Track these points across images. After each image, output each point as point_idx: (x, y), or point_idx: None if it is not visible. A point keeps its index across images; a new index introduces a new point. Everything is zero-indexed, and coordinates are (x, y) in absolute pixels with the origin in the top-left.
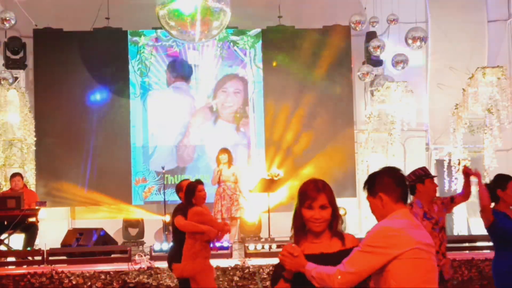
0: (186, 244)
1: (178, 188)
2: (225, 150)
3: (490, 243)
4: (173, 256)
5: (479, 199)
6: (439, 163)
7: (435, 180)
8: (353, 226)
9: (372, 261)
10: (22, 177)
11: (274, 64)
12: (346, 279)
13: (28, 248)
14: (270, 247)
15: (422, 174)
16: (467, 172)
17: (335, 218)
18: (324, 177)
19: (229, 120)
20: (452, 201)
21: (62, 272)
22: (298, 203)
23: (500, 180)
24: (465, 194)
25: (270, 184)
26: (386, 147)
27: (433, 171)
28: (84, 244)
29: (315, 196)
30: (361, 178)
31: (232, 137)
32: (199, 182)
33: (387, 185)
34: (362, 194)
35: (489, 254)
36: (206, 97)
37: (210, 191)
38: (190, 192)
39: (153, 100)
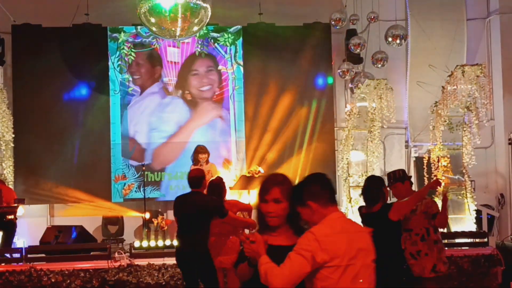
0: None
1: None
2: (204, 148)
3: (469, 240)
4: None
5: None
6: (419, 160)
7: None
8: None
9: (302, 264)
10: None
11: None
12: (283, 280)
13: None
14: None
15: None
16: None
17: (294, 213)
18: (305, 174)
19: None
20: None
21: (41, 269)
22: (258, 198)
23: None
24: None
25: (250, 181)
26: (366, 144)
27: (412, 169)
28: (63, 242)
29: (268, 190)
30: (341, 175)
31: (213, 133)
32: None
33: (314, 192)
34: (342, 191)
35: (468, 250)
36: (181, 90)
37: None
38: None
39: (132, 97)
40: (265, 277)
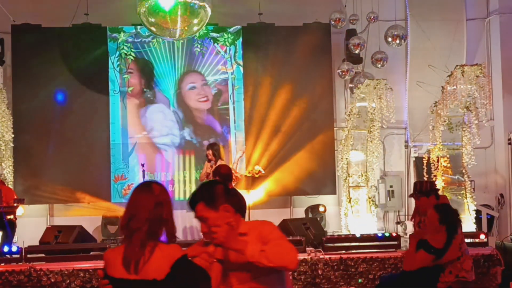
0: None
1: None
2: (208, 145)
3: (469, 240)
4: None
5: None
6: (418, 160)
7: None
8: (333, 223)
9: None
10: None
11: None
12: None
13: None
14: None
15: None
16: None
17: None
18: (304, 174)
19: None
20: None
21: (41, 269)
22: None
23: None
24: None
25: (250, 181)
26: (366, 144)
27: (412, 169)
28: (63, 242)
29: None
30: (341, 175)
31: (212, 133)
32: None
33: (224, 195)
34: (342, 191)
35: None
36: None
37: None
38: None
39: (132, 97)
40: (273, 258)
